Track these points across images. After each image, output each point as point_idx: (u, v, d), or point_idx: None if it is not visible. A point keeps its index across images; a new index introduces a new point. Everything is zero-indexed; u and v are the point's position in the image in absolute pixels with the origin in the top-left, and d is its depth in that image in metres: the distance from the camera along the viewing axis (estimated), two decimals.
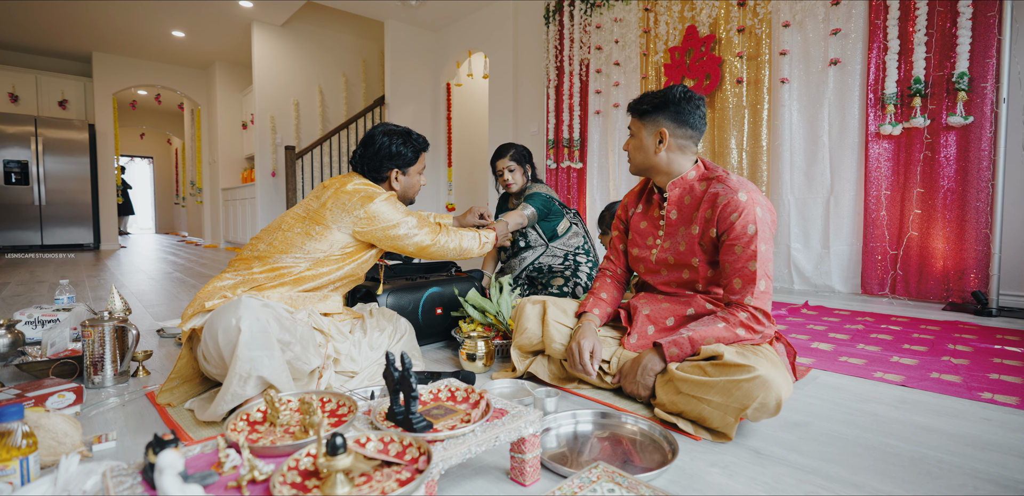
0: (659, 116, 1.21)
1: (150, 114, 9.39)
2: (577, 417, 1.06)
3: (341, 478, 0.63)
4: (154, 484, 0.65)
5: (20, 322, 1.70)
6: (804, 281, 2.90)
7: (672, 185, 1.24)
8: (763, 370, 0.95)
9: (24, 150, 6.08)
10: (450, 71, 5.55)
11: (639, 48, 3.68)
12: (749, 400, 0.95)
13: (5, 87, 6.19)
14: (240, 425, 0.81)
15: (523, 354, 1.39)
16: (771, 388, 0.94)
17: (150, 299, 2.76)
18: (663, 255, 1.26)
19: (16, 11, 5.17)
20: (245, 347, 1.01)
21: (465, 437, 0.76)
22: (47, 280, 3.51)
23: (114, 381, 1.35)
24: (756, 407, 0.95)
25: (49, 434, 0.91)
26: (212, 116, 7.04)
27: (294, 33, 5.76)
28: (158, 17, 5.33)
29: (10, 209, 6.02)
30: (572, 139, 4.17)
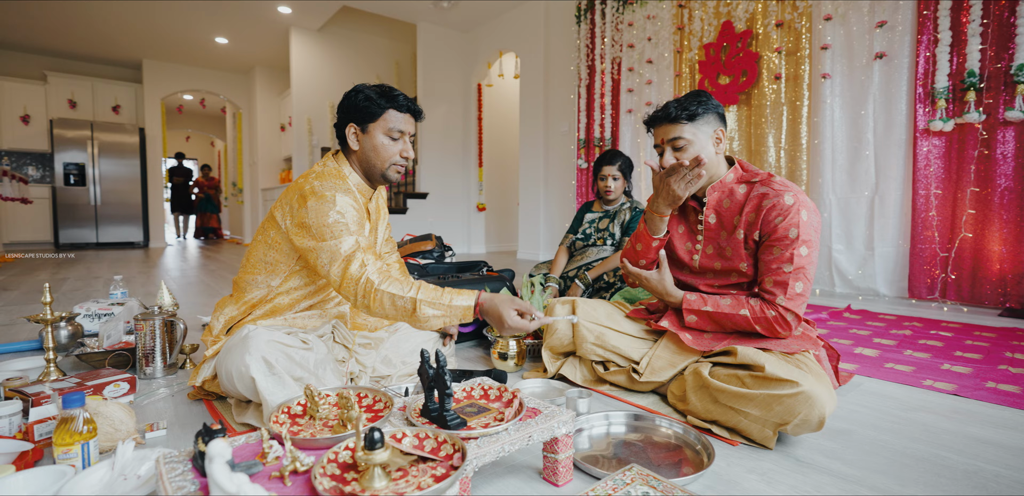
0: (710, 116, 1.17)
1: (195, 118, 9.79)
2: (610, 419, 1.05)
3: (379, 472, 0.64)
4: (204, 471, 0.68)
5: (79, 315, 1.80)
6: (846, 284, 2.79)
7: (711, 189, 1.22)
8: (807, 385, 0.92)
9: (81, 153, 6.45)
10: (481, 72, 5.58)
11: (672, 45, 3.62)
12: (790, 416, 0.92)
13: (65, 94, 6.57)
14: (282, 417, 0.84)
15: (554, 355, 1.39)
16: (815, 404, 0.91)
17: (194, 294, 2.88)
18: (708, 261, 1.24)
19: (75, 23, 5.49)
20: (265, 392, 0.99)
21: (499, 435, 0.77)
22: (102, 276, 3.71)
23: (163, 372, 1.42)
24: (797, 423, 0.92)
25: (107, 421, 0.96)
26: (252, 119, 7.30)
27: (330, 37, 5.91)
28: (203, 24, 5.56)
29: (69, 209, 6.41)
30: (603, 138, 4.13)
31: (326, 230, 1.05)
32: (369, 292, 1.02)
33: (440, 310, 1.01)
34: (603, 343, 1.28)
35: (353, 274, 1.03)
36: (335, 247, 1.04)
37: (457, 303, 1.01)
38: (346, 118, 1.18)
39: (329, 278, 1.06)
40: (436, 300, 1.01)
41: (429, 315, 1.00)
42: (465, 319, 1.02)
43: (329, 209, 1.06)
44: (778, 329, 1.10)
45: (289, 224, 1.10)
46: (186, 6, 5.07)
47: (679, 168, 1.14)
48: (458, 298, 1.02)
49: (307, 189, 1.09)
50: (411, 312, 1.01)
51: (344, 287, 1.04)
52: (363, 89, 1.16)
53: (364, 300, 1.02)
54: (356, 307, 1.06)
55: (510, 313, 0.99)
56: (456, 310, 1.01)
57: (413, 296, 1.00)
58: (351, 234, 1.06)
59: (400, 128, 1.17)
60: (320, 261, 1.05)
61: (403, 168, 1.21)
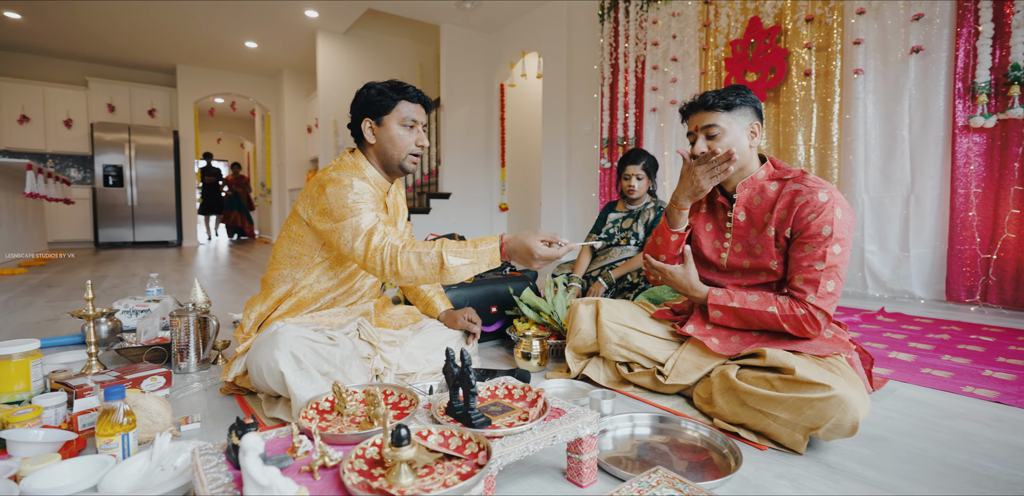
0: (747, 108, 1.16)
1: (226, 120, 10.07)
2: (634, 420, 1.05)
3: (405, 468, 0.65)
4: (237, 464, 0.70)
5: (118, 311, 1.87)
6: (879, 286, 2.71)
7: (742, 185, 1.19)
8: (839, 389, 0.90)
9: (119, 155, 6.71)
10: (504, 72, 5.59)
11: (698, 43, 3.56)
12: (822, 420, 0.90)
13: (104, 98, 6.84)
14: (311, 413, 0.86)
15: (578, 355, 1.38)
16: (847, 409, 0.88)
17: (225, 292, 2.97)
18: (736, 259, 1.22)
19: (114, 29, 5.71)
20: (294, 386, 1.01)
21: (523, 435, 0.77)
22: (139, 273, 3.85)
23: (197, 367, 1.46)
24: (829, 428, 0.90)
25: (145, 413, 1.00)
26: (280, 121, 7.47)
27: (355, 40, 6.00)
28: (234, 29, 5.71)
29: (108, 209, 6.68)
30: (627, 137, 4.09)
31: (346, 210, 1.08)
32: (395, 257, 1.04)
33: (467, 258, 1.03)
34: (627, 344, 1.27)
35: (376, 243, 1.05)
36: (356, 223, 1.07)
37: (483, 248, 1.04)
38: (361, 114, 1.22)
39: (353, 254, 1.08)
40: (461, 249, 1.03)
41: (457, 265, 1.02)
42: (493, 263, 1.05)
43: (347, 192, 1.10)
44: (807, 328, 1.08)
45: (311, 213, 1.14)
46: (219, 12, 5.22)
47: (709, 157, 1.13)
48: (482, 244, 1.05)
49: (325, 179, 1.14)
50: (439, 266, 1.03)
51: (370, 258, 1.06)
52: (374, 85, 1.22)
53: (392, 266, 1.04)
54: (384, 277, 1.07)
55: (537, 243, 1.02)
56: (483, 255, 1.03)
57: (439, 250, 1.03)
58: (371, 211, 1.09)
59: (413, 117, 1.22)
60: (343, 239, 1.08)
61: (418, 158, 1.26)
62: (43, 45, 6.29)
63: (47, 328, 2.03)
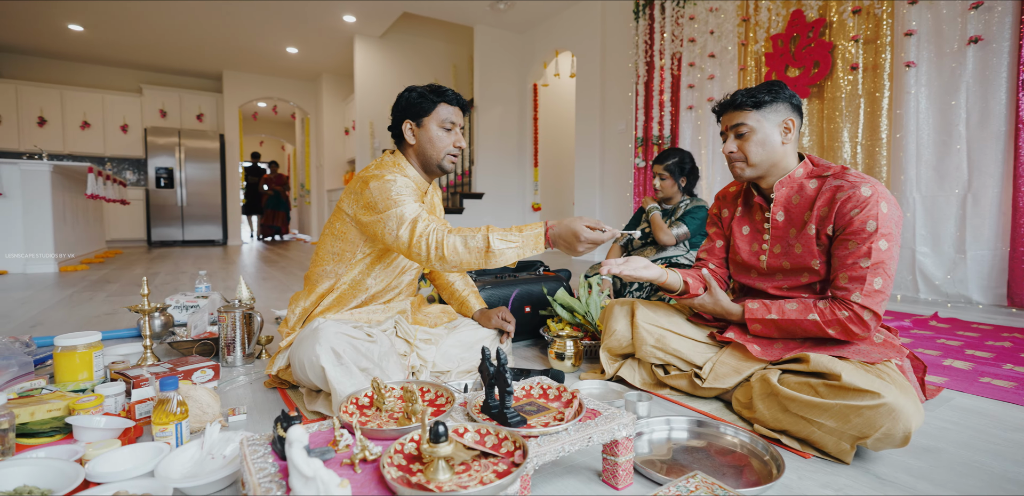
0: (780, 105, 1.13)
1: (268, 124, 10.44)
2: (671, 423, 1.03)
3: (443, 465, 0.66)
4: (282, 455, 0.73)
5: (170, 306, 1.97)
6: (932, 290, 2.57)
7: (779, 184, 1.16)
8: (890, 397, 0.86)
9: (170, 158, 7.07)
10: (537, 72, 5.59)
11: (737, 38, 3.47)
12: (871, 429, 0.86)
13: (157, 104, 7.21)
14: (350, 408, 0.88)
15: (612, 357, 1.37)
16: (899, 418, 0.84)
17: (268, 289, 3.08)
18: (776, 261, 1.18)
19: (167, 39, 6.01)
20: (334, 381, 1.05)
21: (558, 435, 0.77)
22: (188, 271, 4.04)
23: (242, 361, 1.52)
24: (879, 437, 0.86)
25: (196, 404, 1.05)
26: (319, 123, 7.69)
27: (391, 43, 6.12)
28: (276, 36, 5.92)
29: (160, 209, 7.06)
30: (662, 136, 4.02)
31: (389, 201, 1.12)
32: (441, 241, 1.06)
33: (513, 242, 1.04)
34: (664, 346, 1.25)
35: (420, 230, 1.08)
36: (400, 213, 1.10)
37: (528, 233, 1.05)
38: (401, 116, 1.27)
39: (398, 242, 1.10)
40: (507, 233, 1.05)
41: (503, 248, 1.04)
42: (537, 248, 1.06)
43: (391, 185, 1.14)
44: (854, 330, 1.03)
45: (356, 208, 1.18)
46: (263, 20, 5.42)
47: None
48: (528, 229, 1.06)
49: (368, 175, 1.18)
50: (485, 250, 1.04)
51: (415, 244, 1.08)
52: (414, 88, 1.26)
53: (438, 251, 1.06)
54: (430, 262, 1.09)
55: (582, 227, 1.02)
56: (528, 239, 1.05)
57: (484, 234, 1.05)
58: (414, 202, 1.13)
59: (452, 119, 1.26)
60: (388, 228, 1.11)
61: (456, 158, 1.29)
62: (103, 55, 6.68)
63: (106, 321, 2.16)
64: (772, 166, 1.15)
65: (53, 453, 0.89)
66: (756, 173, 1.16)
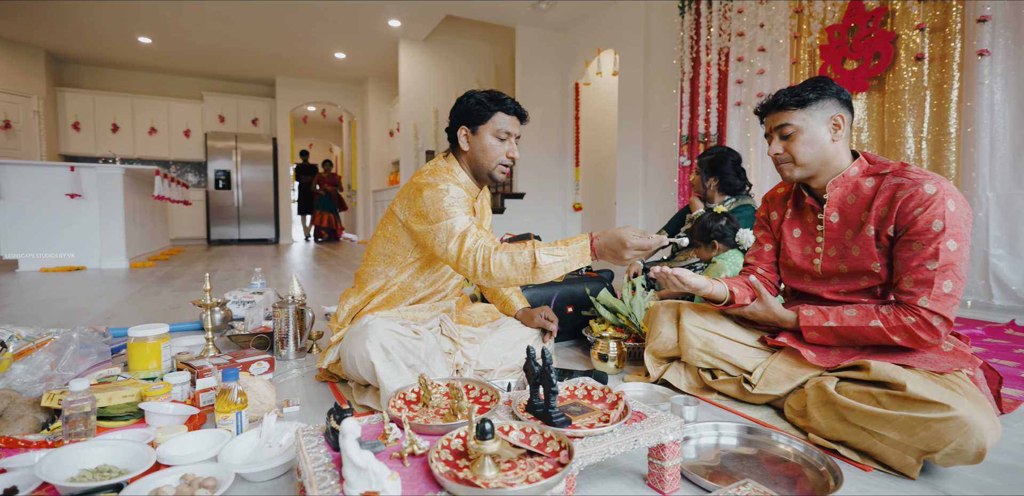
0: (827, 101, 1.08)
1: (317, 127, 10.84)
2: (720, 429, 1.00)
3: (489, 462, 0.67)
4: (335, 446, 0.76)
5: (229, 301, 2.08)
6: (1008, 295, 2.38)
7: (832, 184, 1.11)
8: (962, 410, 0.80)
9: (228, 161, 7.47)
10: (578, 71, 5.55)
11: (789, 30, 3.33)
12: (939, 444, 0.81)
13: (216, 110, 7.63)
14: (398, 403, 0.91)
15: (657, 359, 1.35)
16: (972, 432, 0.79)
17: (317, 286, 3.20)
18: (831, 265, 1.13)
19: (226, 49, 6.36)
20: (383, 376, 1.08)
21: (604, 436, 0.77)
22: (244, 268, 4.25)
23: (295, 355, 1.59)
24: (948, 452, 0.81)
25: (254, 395, 1.10)
26: (365, 126, 7.92)
27: (434, 46, 6.22)
28: (325, 43, 6.15)
29: (219, 209, 7.49)
30: (708, 134, 3.91)
31: (441, 212, 1.13)
32: (488, 257, 1.07)
33: (559, 256, 1.04)
34: (711, 350, 1.22)
35: (469, 245, 1.09)
36: (450, 225, 1.12)
37: (574, 245, 1.05)
38: (458, 121, 1.26)
39: (447, 255, 1.12)
40: (552, 248, 1.05)
41: (550, 262, 1.04)
42: (583, 260, 1.05)
43: (443, 195, 1.14)
44: (923, 337, 0.96)
45: (408, 215, 1.19)
46: (313, 27, 5.64)
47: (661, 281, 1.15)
48: (573, 241, 1.06)
49: (422, 182, 1.19)
50: (531, 265, 1.05)
51: (463, 259, 1.10)
52: (474, 94, 1.24)
53: (484, 268, 1.07)
54: (476, 278, 1.10)
55: (629, 233, 1.01)
56: (574, 251, 1.05)
57: (531, 250, 1.05)
58: (464, 214, 1.14)
59: (507, 130, 1.24)
60: (437, 240, 1.13)
61: (508, 168, 1.28)
62: (168, 65, 7.13)
63: (172, 314, 2.30)
64: (823, 165, 1.10)
65: (128, 435, 0.96)
66: (806, 173, 1.12)
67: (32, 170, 3.95)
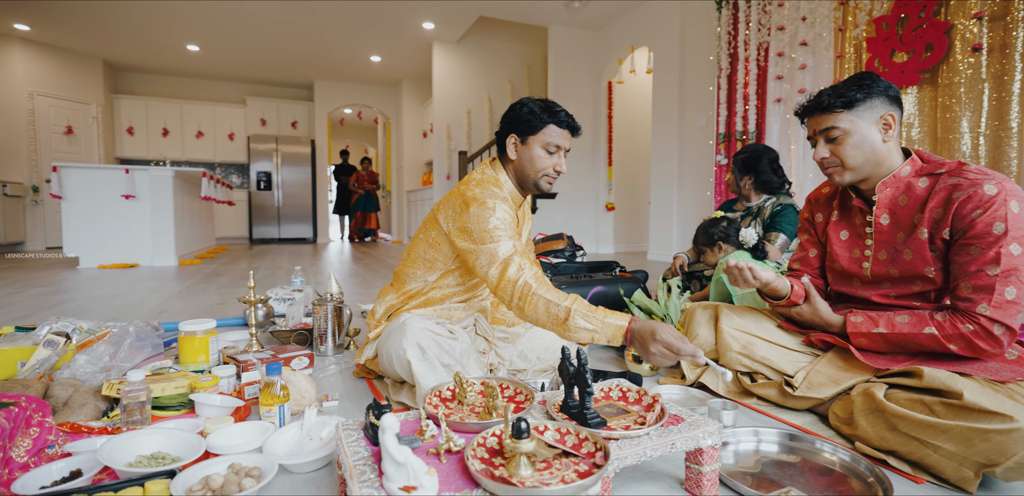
0: (875, 100, 1.02)
1: (353, 129, 11.11)
2: (760, 435, 0.98)
3: (524, 461, 0.68)
4: (374, 440, 0.78)
5: (271, 298, 2.16)
6: None
7: (882, 185, 1.06)
8: None
9: (269, 163, 7.74)
10: (612, 69, 5.49)
11: (833, 23, 3.20)
12: (1000, 457, 0.77)
13: (258, 114, 7.93)
14: (434, 400, 0.92)
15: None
16: None
17: (353, 285, 3.28)
18: (882, 268, 1.08)
19: (268, 55, 6.59)
20: (419, 375, 1.10)
21: (640, 439, 0.76)
22: (284, 266, 4.40)
23: (333, 351, 1.64)
24: (1011, 466, 0.76)
25: (296, 389, 1.14)
26: (399, 127, 8.07)
27: (467, 47, 6.28)
28: (362, 46, 6.29)
29: (260, 209, 7.78)
30: (747, 131, 3.80)
31: (486, 234, 1.11)
32: (526, 295, 1.05)
33: (592, 324, 1.00)
34: (750, 353, 1.19)
35: (511, 276, 1.07)
36: (494, 250, 1.10)
37: (610, 321, 0.99)
38: (508, 128, 1.23)
39: (487, 279, 1.11)
40: (590, 314, 1.00)
41: (580, 326, 1.00)
42: (614, 340, 1.00)
43: (490, 215, 1.12)
44: (982, 345, 0.91)
45: (451, 227, 1.18)
46: (349, 32, 5.78)
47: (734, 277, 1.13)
48: (611, 317, 1.00)
49: (469, 196, 1.16)
50: (563, 321, 1.01)
51: (501, 288, 1.08)
52: (528, 103, 1.21)
53: (520, 302, 1.06)
54: (510, 308, 1.10)
55: (664, 328, 0.95)
56: (608, 327, 0.99)
57: (568, 306, 1.01)
58: (509, 239, 1.11)
59: (557, 143, 1.21)
60: (479, 262, 1.11)
61: (553, 180, 1.25)
62: (214, 71, 7.45)
63: (218, 310, 2.40)
64: (874, 167, 1.05)
65: (180, 425, 1.01)
66: (856, 177, 1.07)
67: (91, 173, 4.19)
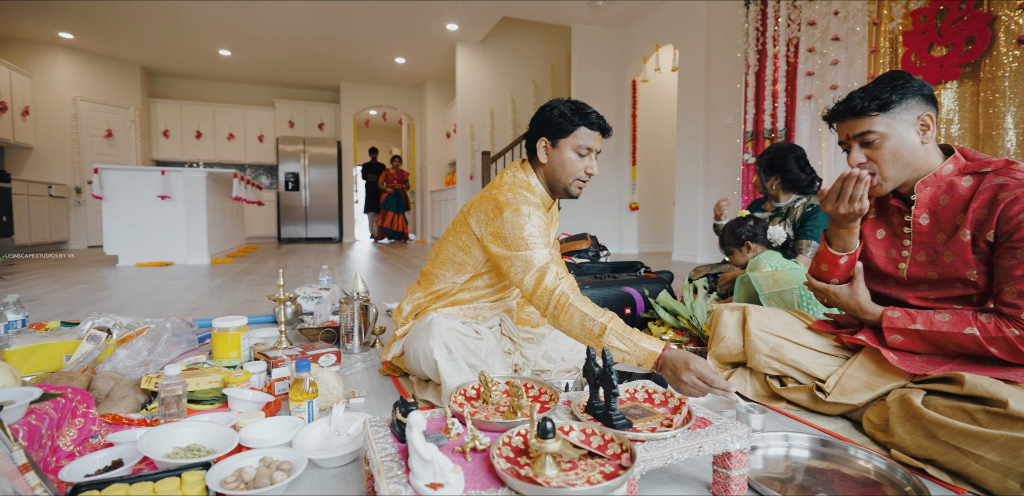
0: (911, 101, 0.98)
1: (378, 130, 11.27)
2: (790, 440, 0.95)
3: (550, 461, 0.68)
4: (400, 437, 0.79)
5: (299, 296, 2.21)
6: None
7: (922, 184, 1.02)
8: None
9: (296, 164, 7.92)
10: (636, 68, 5.44)
11: (867, 17, 3.10)
12: None
13: (286, 116, 8.11)
14: (459, 398, 0.93)
15: (720, 365, 1.30)
16: None
17: (378, 283, 3.33)
18: (919, 270, 1.04)
19: (296, 59, 6.74)
20: (445, 374, 1.11)
21: (666, 441, 0.75)
22: (311, 265, 4.49)
23: (359, 349, 1.67)
24: None
25: (324, 385, 1.16)
26: (423, 128, 8.15)
27: (490, 47, 6.30)
28: (387, 48, 6.38)
29: (288, 210, 7.97)
30: (775, 129, 3.72)
31: (521, 241, 1.10)
32: (563, 305, 1.04)
33: (626, 345, 0.99)
34: (780, 356, 1.16)
35: (548, 285, 1.06)
36: (529, 257, 1.09)
37: (644, 345, 0.98)
38: (539, 132, 1.22)
39: (521, 285, 1.10)
40: (625, 335, 0.99)
41: (613, 345, 0.99)
42: (644, 365, 0.99)
43: (525, 222, 1.11)
44: None
45: (484, 232, 1.17)
46: (375, 34, 5.87)
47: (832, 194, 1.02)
48: (645, 341, 0.99)
49: (502, 200, 1.15)
50: (596, 336, 1.01)
51: (537, 296, 1.08)
52: (557, 105, 1.20)
53: (555, 312, 1.05)
54: (543, 316, 1.09)
55: (697, 360, 0.93)
56: (641, 351, 0.98)
57: (604, 323, 1.00)
58: (545, 247, 1.10)
59: (588, 145, 1.19)
60: (514, 269, 1.10)
61: (584, 183, 1.24)
62: (245, 75, 7.65)
63: (248, 307, 2.47)
64: (914, 171, 1.01)
65: (214, 418, 1.04)
66: (896, 184, 1.02)
67: (129, 174, 4.36)
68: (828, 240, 1.11)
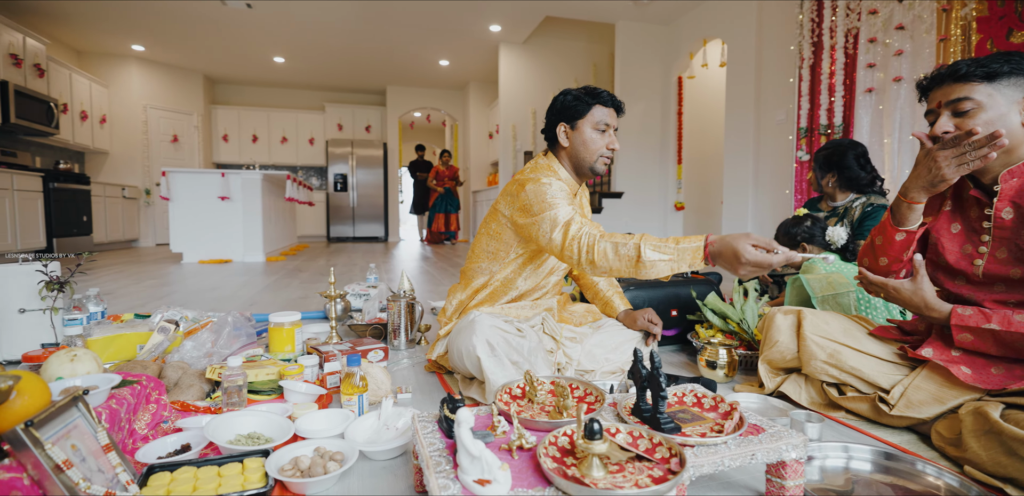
0: (1018, 78, 0.90)
1: (422, 131, 11.50)
2: (850, 452, 0.91)
3: (597, 462, 0.67)
4: (448, 433, 0.80)
5: (348, 294, 2.29)
6: None
7: (1008, 174, 0.94)
8: None
9: (345, 165, 8.19)
10: (682, 64, 5.31)
11: (935, 2, 2.90)
12: None
13: (335, 119, 8.41)
14: (504, 397, 0.94)
15: (773, 370, 1.25)
16: None
17: (423, 282, 3.40)
18: (998, 268, 0.97)
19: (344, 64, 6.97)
20: (489, 372, 1.13)
21: (717, 447, 0.73)
22: (358, 263, 4.64)
23: (406, 346, 1.71)
24: None
25: (373, 380, 1.20)
26: (466, 129, 8.25)
27: (533, 47, 6.30)
28: (431, 51, 6.49)
29: (337, 210, 8.26)
30: (832, 125, 3.54)
31: (544, 204, 1.14)
32: (592, 245, 1.05)
33: (666, 254, 0.96)
34: (838, 363, 1.11)
35: (573, 233, 1.08)
36: (554, 215, 1.12)
37: (684, 245, 0.96)
38: (556, 118, 1.28)
39: (552, 245, 1.11)
40: (662, 245, 0.98)
41: (655, 259, 0.97)
42: (694, 264, 0.96)
43: (546, 188, 1.16)
44: None
45: (512, 210, 1.23)
46: (420, 38, 5.99)
47: (959, 138, 0.89)
48: (684, 241, 0.97)
49: (524, 178, 1.22)
50: (635, 259, 0.99)
51: (567, 247, 1.09)
52: (569, 91, 1.27)
53: (588, 255, 1.05)
54: (580, 266, 1.08)
55: (746, 246, 0.89)
56: (684, 253, 0.96)
57: (637, 242, 1.00)
58: (568, 204, 1.14)
59: (606, 121, 1.25)
60: (542, 230, 1.13)
61: (609, 160, 1.28)
62: (297, 81, 7.99)
63: (300, 304, 2.58)
64: (1005, 155, 0.93)
65: (272, 409, 1.10)
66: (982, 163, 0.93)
67: (193, 177, 4.64)
68: (893, 212, 1.04)
